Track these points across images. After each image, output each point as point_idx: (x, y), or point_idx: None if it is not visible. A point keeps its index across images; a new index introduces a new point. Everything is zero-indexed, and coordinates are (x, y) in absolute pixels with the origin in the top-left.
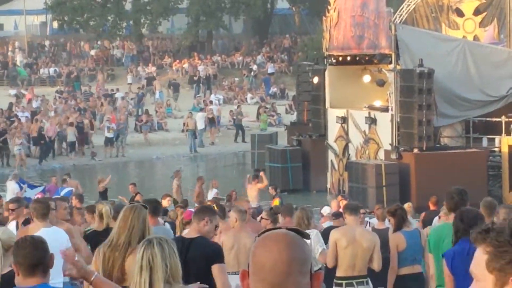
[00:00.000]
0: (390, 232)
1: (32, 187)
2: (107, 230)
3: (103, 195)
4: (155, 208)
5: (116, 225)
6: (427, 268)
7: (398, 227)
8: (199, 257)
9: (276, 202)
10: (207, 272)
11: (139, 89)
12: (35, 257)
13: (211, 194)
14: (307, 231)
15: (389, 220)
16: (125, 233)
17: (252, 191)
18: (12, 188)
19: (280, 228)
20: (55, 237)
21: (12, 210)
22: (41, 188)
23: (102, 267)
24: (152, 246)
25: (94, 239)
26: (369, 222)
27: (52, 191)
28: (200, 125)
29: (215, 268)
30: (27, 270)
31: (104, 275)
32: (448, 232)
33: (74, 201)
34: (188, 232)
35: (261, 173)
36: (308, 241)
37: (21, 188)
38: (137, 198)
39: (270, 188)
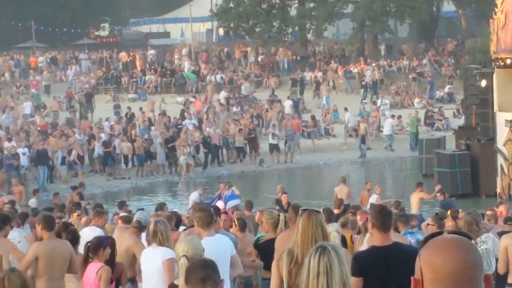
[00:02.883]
0: None
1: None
2: None
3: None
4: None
5: (296, 239)
6: None
7: None
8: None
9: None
10: None
11: (294, 95)
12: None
13: (372, 199)
14: (482, 236)
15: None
16: (309, 249)
17: (414, 198)
18: (193, 200)
19: (445, 232)
20: (220, 244)
21: None
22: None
23: (287, 281)
24: (329, 252)
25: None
26: None
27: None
28: (388, 130)
29: None
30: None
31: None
32: None
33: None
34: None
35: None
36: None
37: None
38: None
39: (438, 194)
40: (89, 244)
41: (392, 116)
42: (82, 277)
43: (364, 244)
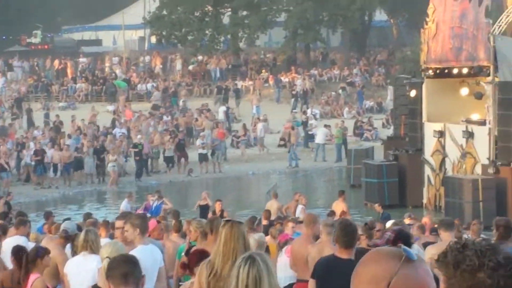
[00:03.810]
0: None
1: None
2: None
3: (204, 211)
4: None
5: (217, 251)
6: None
7: (501, 241)
8: None
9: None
10: None
11: (222, 103)
12: (127, 274)
13: (298, 210)
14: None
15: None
16: (229, 262)
17: (338, 207)
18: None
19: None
20: (152, 254)
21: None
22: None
23: None
24: (258, 264)
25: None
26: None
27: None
28: (320, 140)
29: None
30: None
31: None
32: None
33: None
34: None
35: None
36: None
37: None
38: (224, 215)
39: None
40: (26, 255)
41: (325, 125)
42: None
43: (281, 254)
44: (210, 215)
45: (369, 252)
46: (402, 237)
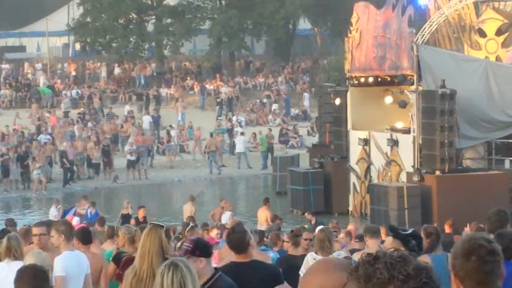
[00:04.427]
0: None
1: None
2: None
3: (126, 220)
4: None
5: (137, 253)
6: None
7: (429, 250)
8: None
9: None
10: None
11: (155, 111)
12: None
13: (224, 217)
14: (334, 254)
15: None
16: (146, 263)
17: (262, 214)
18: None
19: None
20: (78, 260)
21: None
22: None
23: None
24: (181, 269)
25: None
26: None
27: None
28: (241, 148)
29: None
30: None
31: None
32: None
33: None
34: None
35: None
36: None
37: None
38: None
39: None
40: None
41: (242, 133)
42: None
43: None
44: (132, 222)
45: (318, 262)
46: (200, 248)
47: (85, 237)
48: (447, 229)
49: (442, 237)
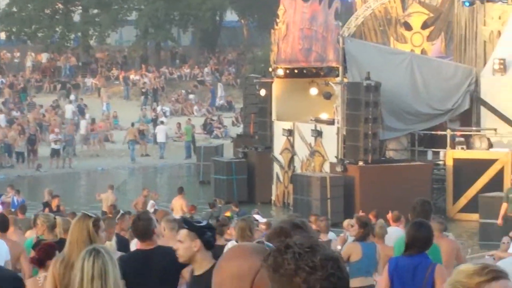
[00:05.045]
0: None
1: None
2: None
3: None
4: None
5: (67, 241)
6: None
7: (362, 238)
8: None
9: (228, 213)
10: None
11: (81, 100)
12: None
13: (148, 206)
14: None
15: (351, 226)
16: (75, 251)
17: (177, 203)
18: None
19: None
20: None
21: None
22: None
23: (59, 283)
24: (103, 255)
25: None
26: None
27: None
28: (161, 138)
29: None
30: None
31: None
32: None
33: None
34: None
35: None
36: None
37: None
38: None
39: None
40: None
41: (162, 122)
42: None
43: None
44: (46, 210)
45: (232, 248)
46: None
47: (1, 225)
48: (372, 219)
49: None
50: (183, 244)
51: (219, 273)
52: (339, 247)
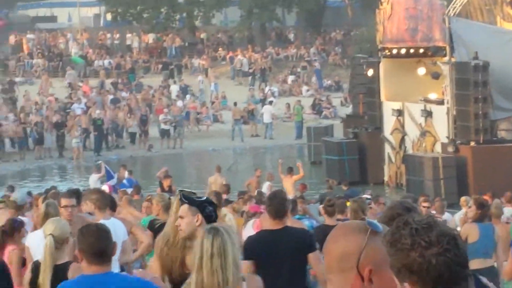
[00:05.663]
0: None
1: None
2: None
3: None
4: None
5: (169, 221)
6: (499, 263)
7: (479, 219)
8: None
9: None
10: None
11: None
12: (100, 245)
13: (264, 187)
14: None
15: (469, 207)
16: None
17: (288, 183)
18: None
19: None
20: (114, 228)
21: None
22: (114, 180)
23: (162, 263)
24: (222, 234)
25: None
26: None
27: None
28: (267, 118)
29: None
30: (91, 257)
31: (164, 270)
32: None
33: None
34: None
35: (298, 164)
36: None
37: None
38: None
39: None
40: (3, 228)
41: (270, 102)
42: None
43: (248, 228)
44: (158, 190)
45: (336, 227)
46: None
47: (111, 204)
48: (488, 200)
49: None
50: (184, 219)
51: (326, 256)
52: (459, 228)
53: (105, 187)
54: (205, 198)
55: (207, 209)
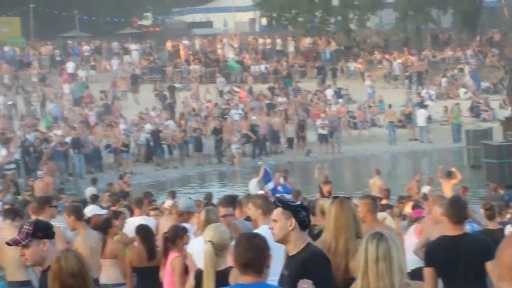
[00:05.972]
0: None
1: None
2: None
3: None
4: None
5: (328, 227)
6: None
7: None
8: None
9: None
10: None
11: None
12: (246, 257)
13: (424, 191)
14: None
15: None
16: (341, 238)
17: (447, 187)
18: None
19: None
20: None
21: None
22: (271, 184)
23: None
24: (386, 239)
25: None
26: None
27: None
28: (421, 122)
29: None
30: (240, 267)
31: None
32: None
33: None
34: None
35: (454, 169)
36: None
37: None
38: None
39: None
40: (166, 234)
41: (426, 106)
42: (164, 266)
43: (409, 233)
44: (318, 195)
45: (508, 236)
46: (39, 229)
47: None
48: None
49: None
50: (277, 223)
51: (497, 264)
52: None
53: (262, 192)
54: (299, 203)
55: (301, 214)
